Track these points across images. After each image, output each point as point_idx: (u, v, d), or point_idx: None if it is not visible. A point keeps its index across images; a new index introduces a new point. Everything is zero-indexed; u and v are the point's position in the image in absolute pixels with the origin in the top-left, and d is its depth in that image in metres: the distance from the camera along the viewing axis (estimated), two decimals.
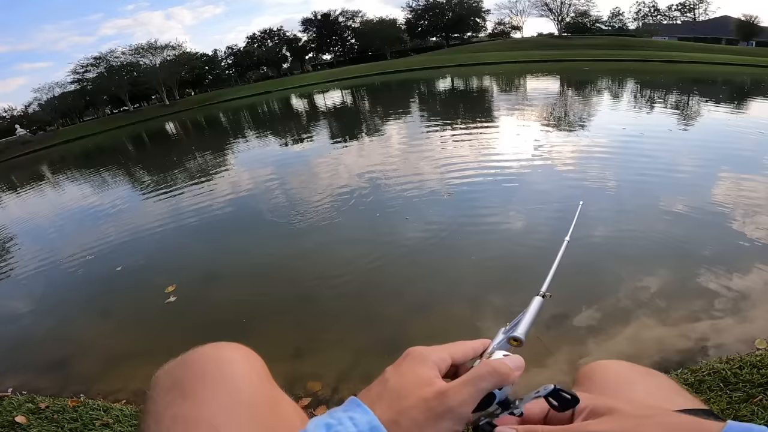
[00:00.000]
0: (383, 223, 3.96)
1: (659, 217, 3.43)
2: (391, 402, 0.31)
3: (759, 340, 1.94)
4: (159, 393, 0.40)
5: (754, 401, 1.46)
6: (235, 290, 3.19)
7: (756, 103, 10.13)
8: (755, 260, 2.62)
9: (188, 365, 0.42)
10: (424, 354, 0.35)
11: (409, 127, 9.52)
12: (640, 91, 13.34)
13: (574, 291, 2.49)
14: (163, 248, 4.40)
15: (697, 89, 12.70)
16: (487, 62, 30.22)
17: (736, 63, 21.47)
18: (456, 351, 0.37)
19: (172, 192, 6.68)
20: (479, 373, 0.33)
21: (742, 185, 3.98)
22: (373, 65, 39.30)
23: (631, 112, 8.91)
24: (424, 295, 2.74)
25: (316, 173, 6.40)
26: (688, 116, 8.27)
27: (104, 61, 41.80)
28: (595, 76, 17.98)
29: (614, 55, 27.30)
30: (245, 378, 0.41)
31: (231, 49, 54.38)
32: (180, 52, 44.85)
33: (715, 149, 5.49)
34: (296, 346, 2.34)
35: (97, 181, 9.81)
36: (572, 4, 47.53)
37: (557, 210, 3.75)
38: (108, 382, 2.27)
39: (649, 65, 22.08)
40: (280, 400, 0.45)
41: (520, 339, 0.38)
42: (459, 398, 0.31)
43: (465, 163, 5.58)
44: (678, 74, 17.28)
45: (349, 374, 2.09)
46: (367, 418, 0.29)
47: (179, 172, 8.64)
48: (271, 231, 4.30)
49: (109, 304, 3.30)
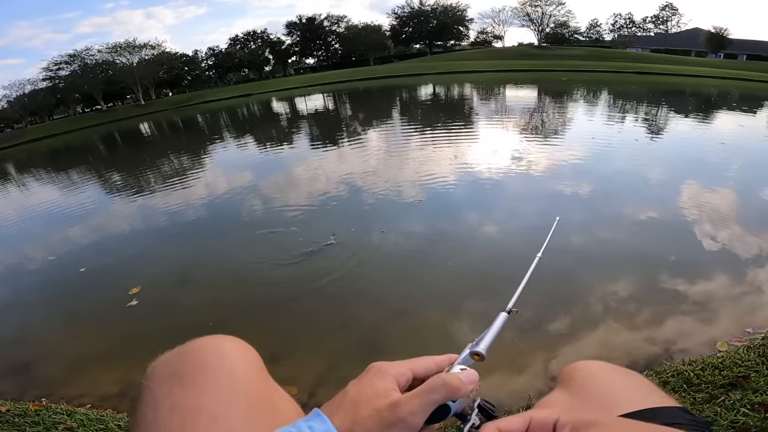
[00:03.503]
0: (359, 229, 3.91)
1: (624, 225, 3.50)
2: (347, 412, 0.33)
3: (720, 343, 1.97)
4: (156, 383, 0.40)
5: (717, 402, 1.47)
6: (204, 293, 3.12)
7: (720, 114, 10.63)
8: (715, 266, 2.70)
9: (187, 356, 0.42)
10: (384, 368, 0.36)
11: (387, 134, 9.55)
12: (612, 101, 13.78)
13: (545, 298, 2.49)
14: (131, 250, 4.27)
15: (665, 100, 13.24)
16: (468, 70, 30.72)
17: (704, 75, 22.54)
18: (417, 366, 0.38)
19: (142, 194, 6.54)
20: (430, 385, 0.34)
21: (702, 194, 4.12)
22: (356, 70, 39.33)
23: (602, 123, 9.17)
24: (399, 300, 2.70)
25: (291, 177, 6.34)
26: (656, 127, 8.58)
27: (79, 58, 40.56)
28: (572, 86, 18.52)
29: (591, 66, 28.21)
30: (244, 369, 0.42)
31: (212, 50, 53.43)
32: (159, 51, 43.87)
33: (677, 160, 5.69)
34: (272, 351, 2.29)
35: (64, 181, 9.44)
36: (552, 15, 48.96)
37: (522, 218, 3.82)
38: (72, 386, 2.20)
39: (623, 76, 22.90)
40: (276, 392, 0.46)
41: (482, 354, 0.39)
42: (409, 409, 0.32)
43: (438, 171, 5.61)
44: (650, 85, 17.97)
45: (325, 378, 2.06)
46: (324, 427, 0.31)
47: (151, 173, 8.43)
48: (242, 235, 4.22)
49: (71, 307, 3.20)
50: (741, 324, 2.11)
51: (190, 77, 51.71)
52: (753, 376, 1.53)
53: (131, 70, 40.08)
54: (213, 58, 53.36)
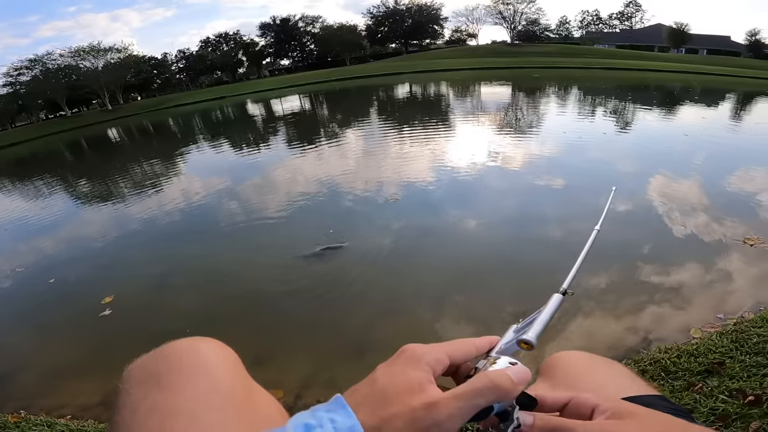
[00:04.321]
0: (337, 230, 3.85)
1: (593, 216, 3.55)
2: (376, 406, 0.29)
3: (694, 329, 2.01)
4: (133, 385, 0.39)
5: (695, 389, 1.48)
6: (180, 300, 3.04)
7: (683, 108, 11.09)
8: (686, 254, 2.77)
9: (163, 358, 0.41)
10: (419, 354, 0.32)
11: (364, 133, 9.50)
12: (583, 97, 14.19)
13: (522, 288, 2.50)
14: (102, 259, 4.13)
15: (631, 95, 13.71)
16: (444, 69, 30.99)
17: (666, 70, 23.49)
18: (456, 350, 0.34)
19: (111, 201, 6.33)
20: (476, 386, 0.29)
21: (669, 185, 4.24)
22: (333, 71, 39.09)
23: (573, 117, 9.41)
24: (384, 300, 2.68)
25: (266, 179, 6.21)
26: (623, 120, 8.89)
27: (40, 63, 38.82)
28: (544, 83, 18.95)
29: (561, 62, 28.97)
30: (221, 369, 0.41)
31: (183, 52, 51.99)
32: (126, 54, 42.54)
33: (644, 152, 5.87)
34: (256, 354, 2.24)
35: (30, 191, 8.95)
36: (524, 13, 50.05)
37: (498, 211, 3.82)
38: (50, 397, 2.17)
39: (591, 72, 23.62)
40: (257, 391, 0.45)
41: (531, 343, 0.34)
42: (448, 412, 0.28)
43: (413, 169, 5.61)
44: (617, 80, 18.59)
45: (311, 381, 2.01)
46: (349, 423, 0.27)
47: (121, 180, 8.10)
48: (216, 239, 4.10)
49: (43, 319, 3.09)
50: (713, 310, 2.16)
51: (159, 80, 50.28)
52: (728, 362, 1.56)
53: (96, 75, 38.69)
54: (184, 61, 51.96)
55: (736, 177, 4.38)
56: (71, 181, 9.29)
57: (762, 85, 17.35)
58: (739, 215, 3.33)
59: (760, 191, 3.88)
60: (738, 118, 9.20)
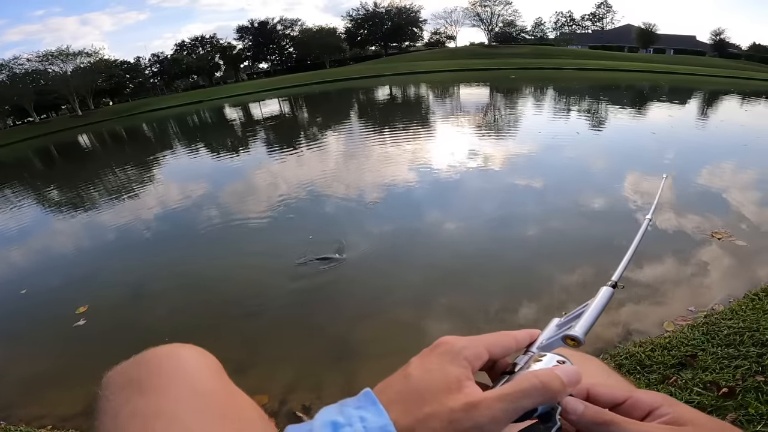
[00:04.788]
0: (317, 236, 3.80)
1: (571, 214, 3.61)
2: (410, 405, 0.26)
3: (667, 323, 2.06)
4: (113, 391, 0.39)
5: (669, 382, 1.51)
6: (156, 309, 2.97)
7: (651, 106, 11.50)
8: (657, 250, 2.83)
9: (143, 363, 0.42)
10: (457, 347, 0.29)
11: (344, 136, 9.46)
12: (558, 97, 14.53)
13: (500, 287, 2.52)
14: (75, 269, 4.01)
15: (603, 95, 14.14)
16: (423, 71, 31.21)
17: (636, 69, 24.31)
18: (495, 344, 0.31)
19: (84, 209, 6.14)
20: (522, 387, 0.26)
21: (640, 181, 4.37)
22: (312, 74, 38.76)
23: (547, 118, 9.61)
24: (370, 301, 2.66)
25: (246, 184, 6.09)
26: (595, 120, 9.16)
27: (6, 68, 37.23)
28: (520, 84, 19.32)
29: (536, 63, 29.63)
30: (202, 373, 0.42)
31: (156, 56, 50.63)
32: (96, 59, 41.06)
33: (614, 149, 6.07)
34: (239, 361, 2.19)
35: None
36: (501, 15, 50.95)
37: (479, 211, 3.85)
38: (29, 408, 2.13)
39: (565, 73, 24.22)
40: (238, 395, 0.44)
41: (579, 339, 0.31)
42: (490, 414, 0.25)
43: (393, 171, 5.61)
44: (589, 81, 19.14)
45: (295, 386, 1.98)
46: (380, 422, 0.25)
47: (93, 188, 7.82)
48: (193, 246, 4.00)
49: (16, 329, 3.00)
50: (684, 303, 2.22)
51: (132, 85, 48.80)
52: (700, 355, 1.60)
53: (65, 79, 37.26)
54: (158, 65, 50.57)
55: (704, 173, 4.55)
56: (41, 190, 8.91)
57: (726, 83, 18.19)
58: (707, 210, 3.45)
59: (727, 187, 4.04)
60: (704, 116, 9.59)
